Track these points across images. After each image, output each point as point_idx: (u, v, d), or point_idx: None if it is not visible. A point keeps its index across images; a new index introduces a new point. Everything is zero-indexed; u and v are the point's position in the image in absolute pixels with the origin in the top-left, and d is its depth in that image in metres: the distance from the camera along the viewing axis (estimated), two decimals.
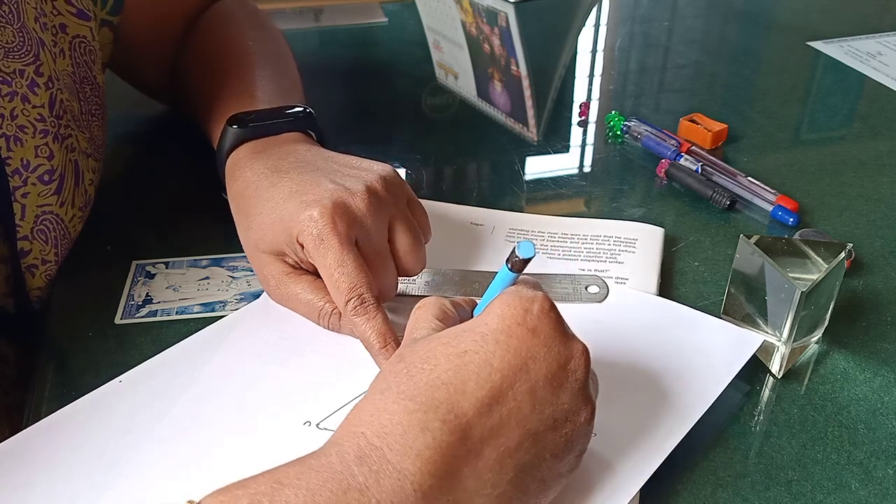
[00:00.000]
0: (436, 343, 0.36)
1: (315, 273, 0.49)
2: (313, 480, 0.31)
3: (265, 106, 0.57)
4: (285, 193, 0.48)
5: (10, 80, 0.48)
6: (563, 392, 0.36)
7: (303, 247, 0.47)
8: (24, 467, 0.42)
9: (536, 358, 0.35)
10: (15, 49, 0.48)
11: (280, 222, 0.47)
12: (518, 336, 0.35)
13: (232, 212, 0.53)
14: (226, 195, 0.54)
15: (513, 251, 0.39)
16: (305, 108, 0.57)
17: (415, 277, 0.54)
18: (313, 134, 0.57)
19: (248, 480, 0.32)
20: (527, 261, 0.39)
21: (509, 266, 0.40)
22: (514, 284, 0.40)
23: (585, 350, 0.37)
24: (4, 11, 0.48)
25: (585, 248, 0.58)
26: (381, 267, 0.48)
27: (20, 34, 0.49)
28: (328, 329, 0.49)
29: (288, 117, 0.56)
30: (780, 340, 0.49)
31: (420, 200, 0.53)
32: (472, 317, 0.42)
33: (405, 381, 0.34)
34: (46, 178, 0.51)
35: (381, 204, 0.48)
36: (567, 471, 0.37)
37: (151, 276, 0.56)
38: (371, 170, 0.51)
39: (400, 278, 0.52)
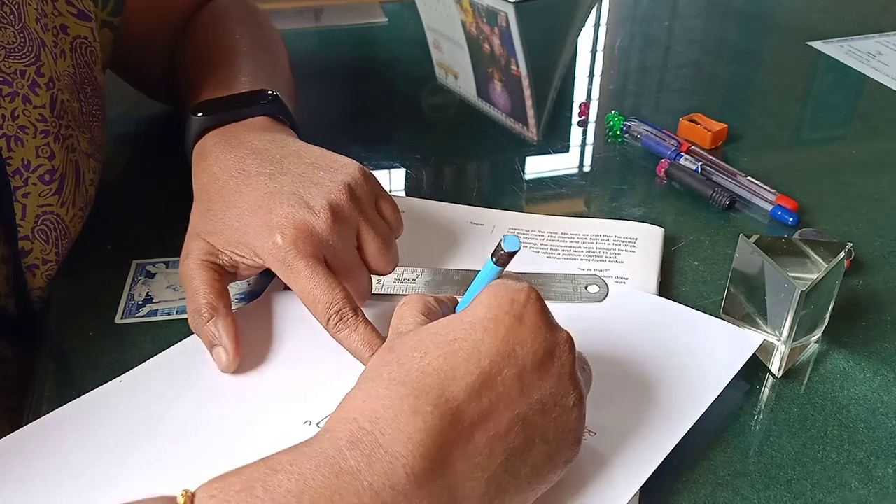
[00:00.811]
0: (425, 333, 0.37)
1: (226, 272, 0.49)
2: (306, 465, 0.32)
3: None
4: (251, 205, 0.48)
5: (11, 80, 0.48)
6: (550, 377, 0.37)
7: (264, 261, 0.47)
8: (22, 463, 0.42)
9: (524, 344, 0.36)
10: (16, 50, 0.48)
11: (242, 235, 0.47)
12: (505, 324, 0.36)
13: (194, 197, 0.52)
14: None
15: (498, 245, 0.40)
16: (272, 93, 0.56)
17: (414, 277, 0.54)
18: (284, 118, 0.57)
19: (242, 468, 0.32)
20: (512, 254, 0.40)
21: (494, 260, 0.40)
22: (498, 278, 0.41)
23: (570, 338, 0.38)
24: (6, 12, 0.48)
25: (585, 248, 0.58)
26: (353, 275, 0.49)
27: (21, 35, 0.49)
28: (191, 326, 0.49)
29: (252, 102, 0.56)
30: (779, 340, 0.49)
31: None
32: (454, 313, 0.43)
33: (396, 369, 0.35)
34: (47, 178, 0.51)
35: (345, 218, 0.48)
36: (563, 461, 0.38)
37: (152, 275, 0.56)
38: (336, 172, 0.49)
39: (401, 280, 0.52)
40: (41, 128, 0.50)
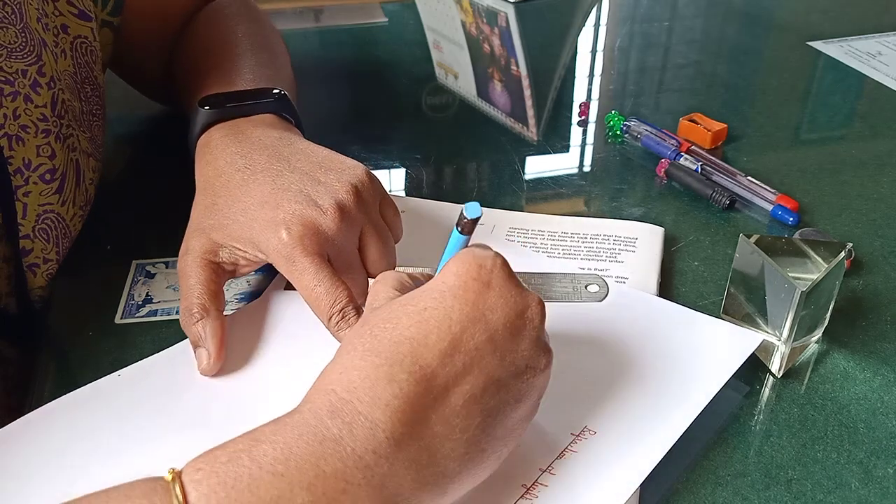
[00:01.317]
0: (396, 305, 0.38)
1: (224, 271, 0.49)
2: (289, 435, 0.33)
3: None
4: (256, 200, 0.48)
5: (12, 80, 0.48)
6: (522, 339, 0.38)
7: (266, 255, 0.47)
8: (21, 451, 0.42)
9: (494, 309, 0.37)
10: (17, 49, 0.48)
11: (246, 230, 0.48)
12: (475, 290, 0.37)
13: (196, 189, 0.51)
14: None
15: (461, 214, 0.41)
16: (279, 91, 0.57)
17: None
18: (289, 117, 0.57)
19: (227, 442, 0.33)
20: (475, 221, 0.41)
21: (459, 229, 0.41)
22: (466, 247, 0.42)
23: (541, 301, 0.39)
24: (7, 12, 0.48)
25: (585, 247, 0.59)
26: (352, 275, 0.49)
27: (22, 35, 0.49)
28: (181, 323, 0.49)
29: (260, 99, 0.56)
30: (779, 340, 0.49)
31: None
32: None
33: (370, 340, 0.36)
34: (48, 177, 0.51)
35: (351, 219, 0.48)
36: (525, 417, 0.39)
37: (151, 275, 0.56)
38: (342, 174, 0.49)
39: None
40: (42, 127, 0.50)
